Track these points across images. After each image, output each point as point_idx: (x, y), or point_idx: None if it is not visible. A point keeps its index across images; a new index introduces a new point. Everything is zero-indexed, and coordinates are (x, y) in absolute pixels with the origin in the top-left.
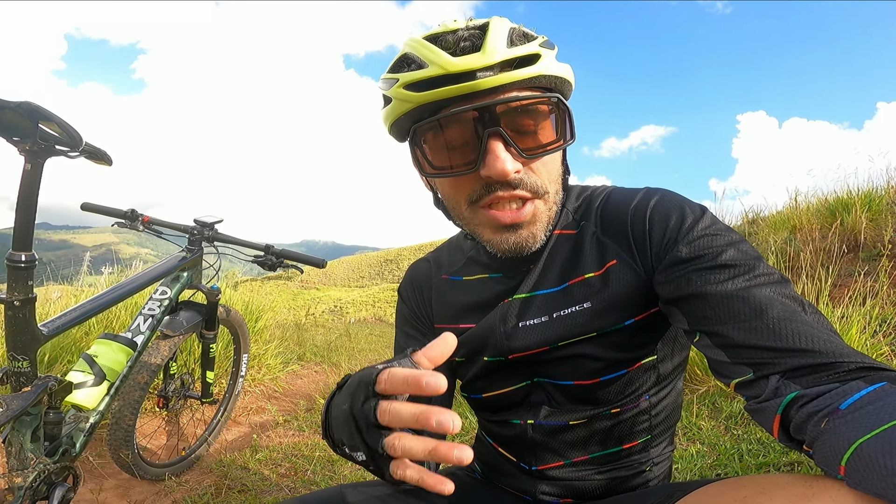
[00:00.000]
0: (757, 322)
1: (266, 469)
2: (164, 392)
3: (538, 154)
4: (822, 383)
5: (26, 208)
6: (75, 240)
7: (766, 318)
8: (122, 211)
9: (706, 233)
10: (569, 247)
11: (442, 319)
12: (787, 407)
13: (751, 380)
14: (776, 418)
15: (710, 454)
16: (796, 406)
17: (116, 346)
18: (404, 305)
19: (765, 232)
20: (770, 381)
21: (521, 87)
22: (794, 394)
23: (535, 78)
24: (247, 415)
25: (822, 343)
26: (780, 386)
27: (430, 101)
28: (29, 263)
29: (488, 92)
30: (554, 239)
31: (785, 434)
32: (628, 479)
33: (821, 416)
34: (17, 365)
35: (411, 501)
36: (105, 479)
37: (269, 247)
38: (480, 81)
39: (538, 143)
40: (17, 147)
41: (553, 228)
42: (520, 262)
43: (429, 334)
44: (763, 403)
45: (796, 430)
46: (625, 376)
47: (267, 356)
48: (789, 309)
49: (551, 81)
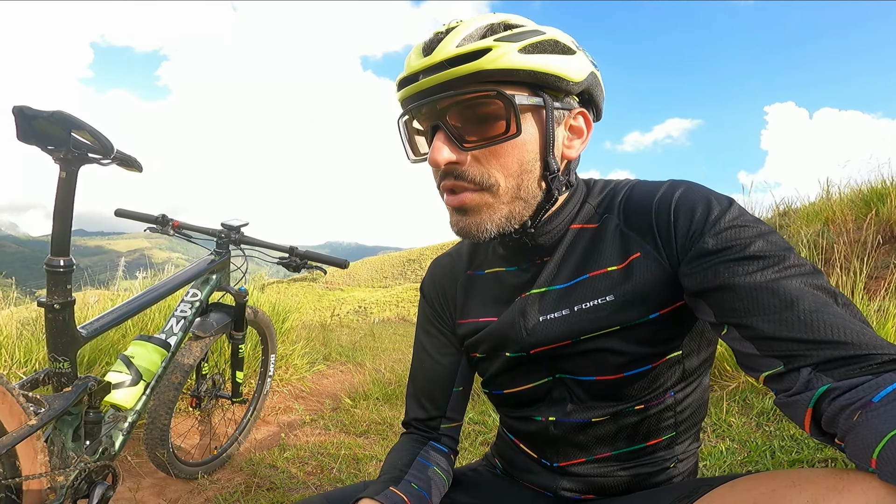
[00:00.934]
0: (787, 314)
1: (293, 467)
2: (196, 392)
3: (476, 147)
4: (854, 375)
5: (63, 215)
6: (110, 245)
7: (796, 310)
8: (153, 216)
9: (734, 224)
10: (588, 240)
11: (464, 315)
12: (818, 400)
13: (781, 373)
14: (808, 412)
15: (740, 451)
16: (828, 399)
17: (151, 347)
18: (426, 303)
19: (797, 224)
20: (801, 373)
21: (466, 83)
22: (825, 386)
23: (479, 73)
24: (275, 414)
25: (855, 335)
26: (811, 379)
27: (401, 99)
28: (67, 268)
29: (433, 90)
30: (572, 233)
31: (817, 428)
32: (652, 475)
33: (853, 409)
34: (58, 366)
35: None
36: (142, 478)
37: (294, 248)
38: (423, 81)
39: (480, 136)
40: (52, 156)
41: (570, 223)
42: (531, 254)
43: (448, 333)
44: (794, 397)
45: (828, 423)
46: (649, 372)
47: (294, 356)
48: (821, 300)
49: (506, 74)
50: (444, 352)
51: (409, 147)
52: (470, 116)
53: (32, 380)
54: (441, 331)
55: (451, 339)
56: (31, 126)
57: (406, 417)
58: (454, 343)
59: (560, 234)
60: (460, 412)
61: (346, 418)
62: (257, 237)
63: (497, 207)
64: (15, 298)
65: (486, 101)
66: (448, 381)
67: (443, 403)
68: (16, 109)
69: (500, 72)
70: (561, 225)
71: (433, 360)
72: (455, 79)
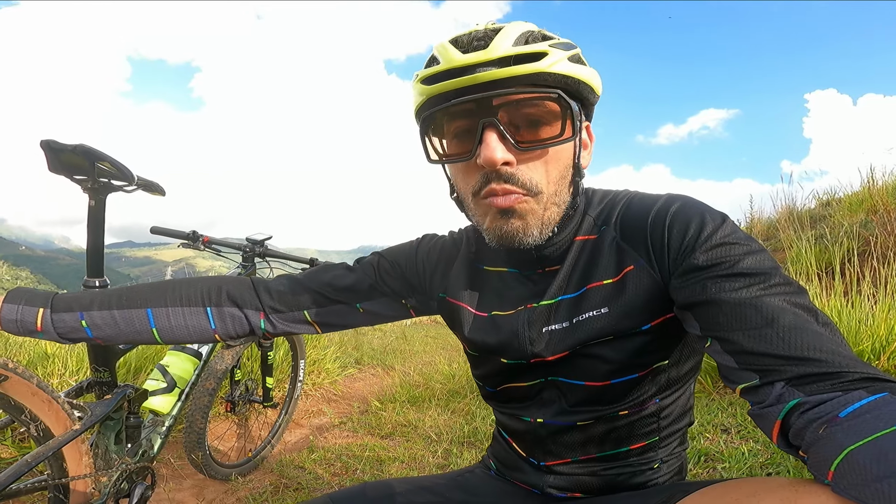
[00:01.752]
0: (767, 330)
1: (320, 468)
2: (231, 397)
3: (532, 147)
4: (824, 391)
5: (95, 240)
6: (157, 255)
7: (776, 327)
8: (185, 233)
9: (725, 241)
10: (589, 252)
11: (454, 295)
12: (788, 413)
13: (756, 386)
14: (776, 424)
15: (763, 452)
16: (797, 413)
17: (184, 357)
18: (388, 265)
19: (839, 214)
20: (775, 387)
21: (524, 83)
22: (795, 400)
23: (538, 74)
24: (307, 417)
25: (829, 353)
26: (783, 393)
27: (437, 93)
28: (102, 287)
29: (488, 85)
30: (577, 245)
31: (784, 440)
32: (635, 475)
33: (819, 423)
34: (99, 376)
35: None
36: (184, 480)
37: (314, 260)
38: (479, 75)
39: (535, 138)
40: (80, 185)
41: (574, 235)
42: (535, 264)
43: (394, 293)
44: (765, 409)
45: (795, 436)
46: (634, 379)
47: (326, 361)
48: (801, 318)
49: (559, 80)
50: (364, 291)
51: (437, 145)
52: (525, 117)
53: (77, 388)
54: (381, 291)
55: (392, 297)
56: (58, 159)
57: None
58: (393, 301)
59: (565, 245)
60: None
61: (373, 420)
62: (280, 249)
63: (541, 213)
64: None
65: (545, 102)
66: (341, 295)
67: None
68: (43, 143)
69: (557, 77)
70: (566, 236)
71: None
72: (514, 77)
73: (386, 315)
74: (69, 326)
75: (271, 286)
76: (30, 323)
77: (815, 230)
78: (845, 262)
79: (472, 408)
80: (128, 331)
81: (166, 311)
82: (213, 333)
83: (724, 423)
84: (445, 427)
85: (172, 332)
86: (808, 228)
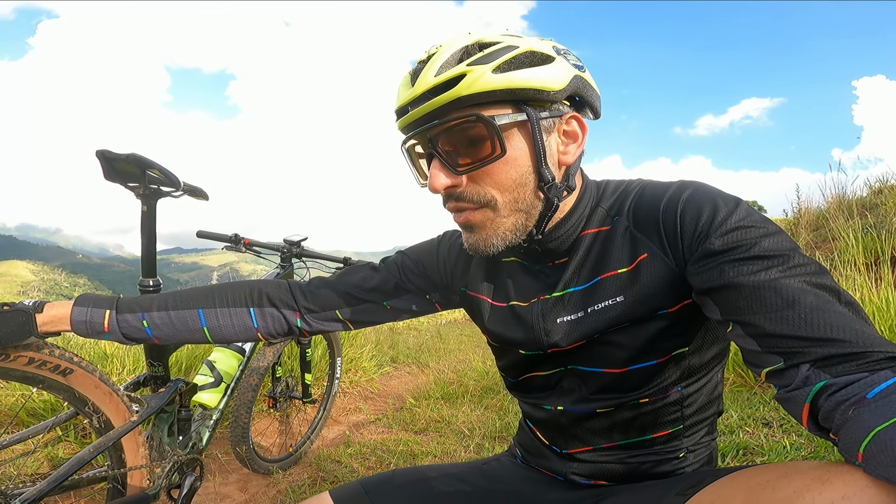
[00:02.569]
0: (788, 312)
1: (355, 462)
2: (272, 393)
3: (470, 169)
4: (851, 372)
5: (148, 243)
6: (203, 261)
7: (797, 308)
8: (227, 236)
9: (740, 224)
10: (601, 243)
11: (474, 287)
12: (815, 396)
13: (781, 369)
14: (805, 407)
15: (806, 446)
16: (825, 395)
17: (230, 353)
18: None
19: (892, 202)
20: (800, 370)
21: (449, 111)
22: (822, 382)
23: (457, 100)
24: (345, 414)
25: (853, 333)
26: (809, 375)
27: (399, 129)
28: (156, 287)
29: (419, 121)
30: (587, 238)
31: (814, 423)
32: (660, 463)
33: (848, 405)
34: (154, 370)
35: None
36: (230, 474)
37: (348, 259)
38: (409, 115)
39: (473, 158)
40: (133, 192)
41: (582, 229)
42: (543, 257)
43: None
44: (792, 392)
45: (824, 418)
46: (653, 366)
47: (362, 359)
48: (822, 299)
49: (483, 97)
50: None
51: (417, 172)
52: (458, 141)
53: (134, 382)
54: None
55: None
56: (112, 167)
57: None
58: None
59: (571, 238)
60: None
61: (408, 417)
62: (315, 250)
63: (499, 222)
64: None
65: (469, 125)
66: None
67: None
68: (99, 153)
69: (477, 95)
70: (570, 230)
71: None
72: (437, 108)
73: (412, 311)
74: (132, 326)
75: (305, 288)
76: (98, 324)
77: (865, 219)
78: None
79: (505, 403)
80: (182, 329)
81: (215, 312)
82: (256, 332)
83: (765, 416)
84: (478, 422)
85: (221, 331)
86: (857, 217)
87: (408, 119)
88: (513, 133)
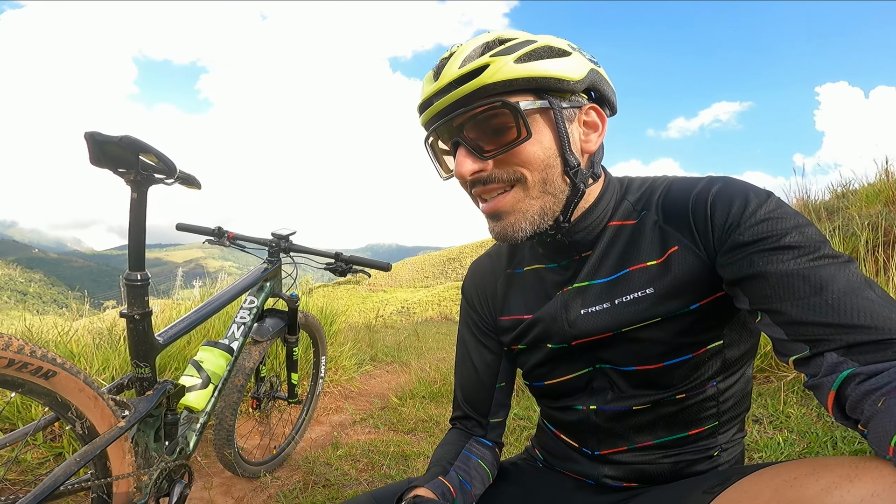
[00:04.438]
0: (816, 298)
1: (346, 465)
2: (256, 394)
3: (495, 154)
4: (880, 360)
5: (137, 234)
6: (167, 257)
7: (825, 295)
8: (210, 229)
9: (770, 216)
10: (628, 236)
11: (505, 312)
12: (842, 384)
13: (807, 356)
14: (831, 395)
15: (799, 442)
16: (853, 383)
17: (218, 352)
18: (467, 305)
19: (856, 206)
20: (826, 357)
21: (474, 99)
22: (850, 370)
23: (482, 88)
24: (327, 414)
25: (884, 320)
26: (836, 362)
27: (423, 122)
28: (144, 281)
29: (445, 111)
30: (612, 230)
31: (840, 412)
32: (694, 463)
33: (878, 395)
34: (140, 371)
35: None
36: (212, 478)
37: (339, 254)
38: (435, 105)
39: (499, 144)
40: (123, 178)
41: (608, 220)
42: (569, 250)
43: (490, 332)
44: (820, 380)
45: (852, 408)
46: (689, 361)
47: (342, 358)
48: (851, 286)
49: (507, 85)
50: (486, 351)
51: (440, 166)
52: (484, 128)
53: (118, 385)
54: (482, 331)
55: (493, 337)
56: (102, 150)
57: (453, 414)
58: (495, 341)
59: (597, 230)
60: (504, 407)
61: (394, 417)
62: (304, 244)
63: (528, 203)
64: (87, 310)
65: (495, 111)
66: (490, 379)
67: (486, 401)
68: (87, 135)
69: (501, 83)
70: (596, 221)
71: (475, 359)
72: (463, 97)
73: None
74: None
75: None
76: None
77: (832, 221)
78: (867, 252)
79: None
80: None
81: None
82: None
83: (755, 413)
84: None
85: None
86: (824, 220)
87: (433, 111)
88: (536, 119)
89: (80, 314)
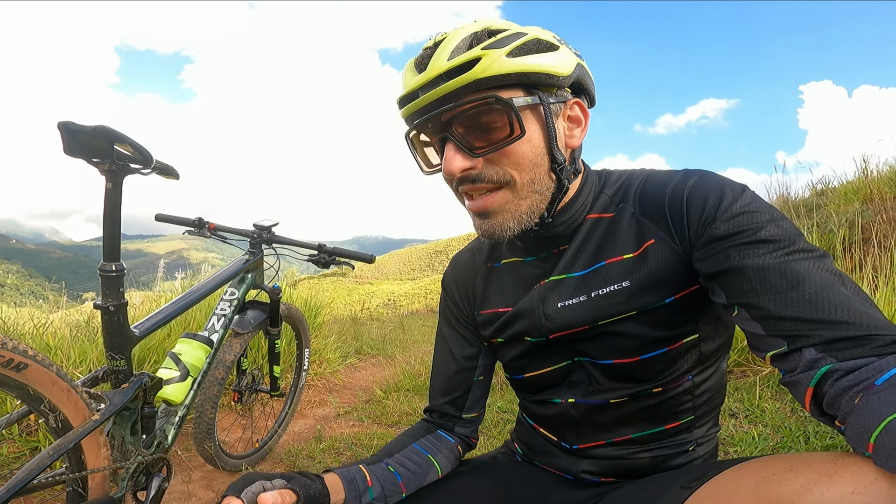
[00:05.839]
0: (793, 293)
1: (329, 458)
2: (237, 387)
3: (487, 151)
4: (857, 357)
5: (112, 224)
6: (149, 248)
7: (802, 290)
8: (190, 220)
9: (745, 210)
10: (605, 229)
11: (484, 305)
12: (820, 380)
13: (785, 352)
14: (808, 391)
15: (773, 436)
16: (831, 380)
17: (197, 345)
18: (447, 297)
19: (835, 203)
20: (804, 353)
21: (464, 94)
22: (827, 367)
23: (474, 82)
24: (311, 407)
25: (860, 315)
26: (814, 358)
27: (405, 116)
28: (119, 272)
29: (433, 105)
30: (589, 223)
31: (818, 408)
32: (671, 458)
33: (855, 392)
34: (115, 364)
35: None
36: (192, 471)
37: (322, 245)
38: (421, 98)
39: (489, 141)
40: (98, 168)
41: (586, 213)
42: (548, 244)
43: (469, 325)
44: (797, 376)
45: (829, 404)
46: (666, 354)
47: (327, 351)
48: (827, 281)
49: (498, 80)
50: (465, 343)
51: (421, 160)
52: (474, 124)
53: (93, 377)
54: (462, 323)
55: (472, 331)
56: (76, 140)
57: (426, 406)
58: (474, 335)
59: (576, 223)
60: (480, 403)
61: (378, 410)
62: (287, 236)
63: (517, 204)
64: (65, 302)
65: (487, 107)
66: (468, 372)
67: (462, 395)
68: (61, 125)
69: (493, 78)
70: (575, 214)
71: (453, 352)
72: (453, 91)
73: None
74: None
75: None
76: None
77: (811, 219)
78: (844, 249)
79: None
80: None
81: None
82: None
83: (731, 408)
84: None
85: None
86: (803, 217)
87: (418, 104)
88: (526, 115)
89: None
